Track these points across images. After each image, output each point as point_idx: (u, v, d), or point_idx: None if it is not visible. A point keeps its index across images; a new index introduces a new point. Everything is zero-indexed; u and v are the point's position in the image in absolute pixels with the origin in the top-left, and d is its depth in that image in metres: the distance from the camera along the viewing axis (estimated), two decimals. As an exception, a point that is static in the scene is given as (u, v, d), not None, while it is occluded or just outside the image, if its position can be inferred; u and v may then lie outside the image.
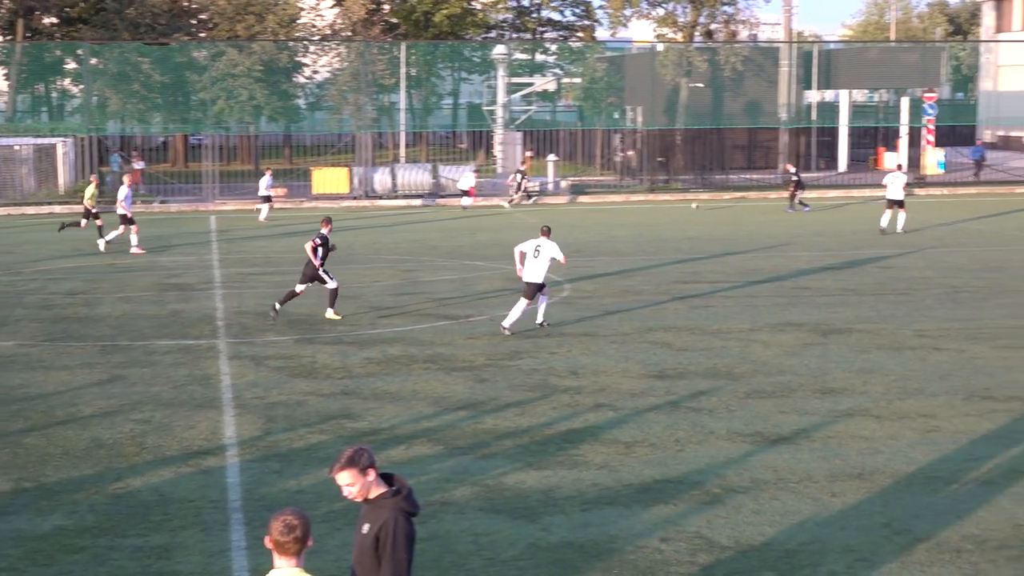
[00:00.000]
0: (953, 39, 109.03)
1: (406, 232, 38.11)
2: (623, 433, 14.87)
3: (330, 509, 11.96)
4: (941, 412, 15.84)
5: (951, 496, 12.48)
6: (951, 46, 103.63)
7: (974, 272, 28.48)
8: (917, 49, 67.69)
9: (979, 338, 20.69)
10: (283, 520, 6.45)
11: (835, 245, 33.97)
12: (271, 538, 6.45)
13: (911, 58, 63.25)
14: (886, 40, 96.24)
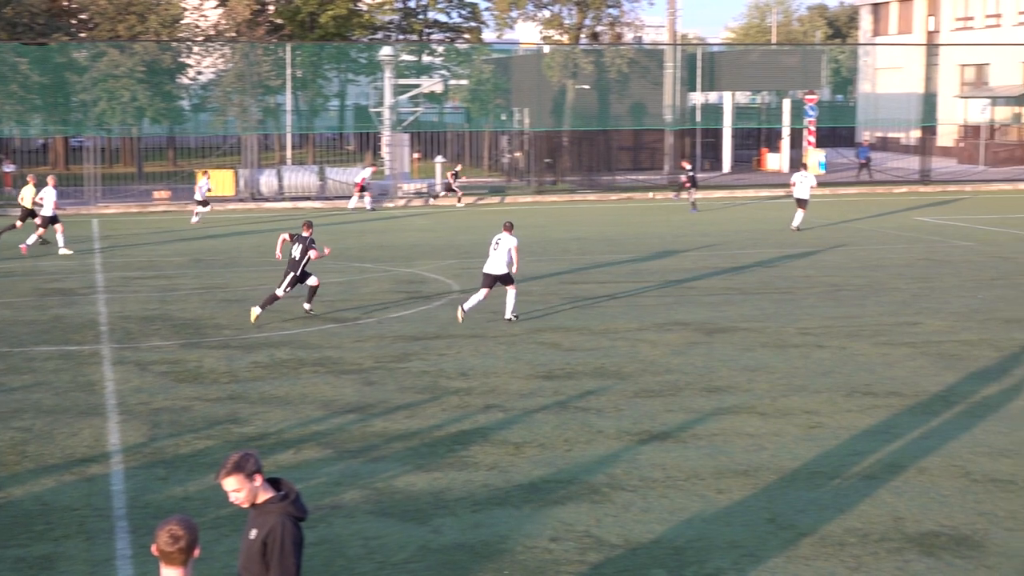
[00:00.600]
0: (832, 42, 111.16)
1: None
2: (513, 434, 14.91)
3: (217, 515, 11.82)
4: (824, 408, 16.13)
5: (834, 491, 12.71)
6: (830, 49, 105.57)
7: (854, 271, 29.04)
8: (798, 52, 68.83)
9: (860, 335, 21.10)
10: (169, 530, 6.35)
11: (720, 245, 34.41)
12: (157, 547, 6.36)
13: (792, 61, 64.33)
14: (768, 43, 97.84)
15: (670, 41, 60.16)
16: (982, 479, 13.06)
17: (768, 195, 53.03)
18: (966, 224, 40.11)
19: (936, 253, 32.44)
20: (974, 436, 14.75)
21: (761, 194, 53.23)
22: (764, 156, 66.36)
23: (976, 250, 33.17)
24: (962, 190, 55.43)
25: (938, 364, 18.83)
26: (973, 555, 10.91)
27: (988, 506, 12.20)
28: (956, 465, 13.56)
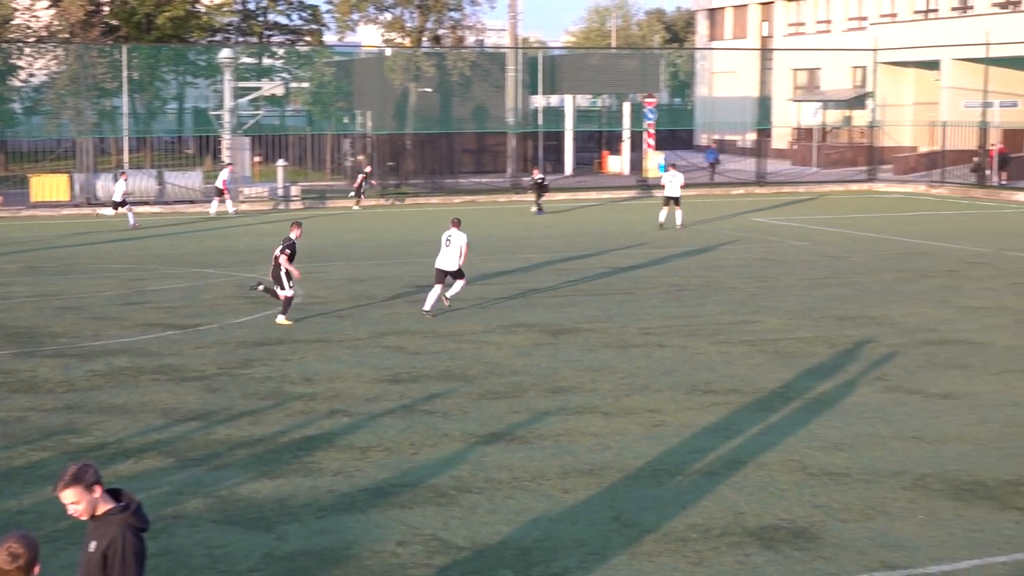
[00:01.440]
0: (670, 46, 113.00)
1: (131, 239, 37.03)
2: (358, 438, 14.83)
3: (55, 528, 11.52)
4: (666, 407, 16.38)
5: (676, 488, 12.92)
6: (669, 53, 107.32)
7: (694, 271, 29.56)
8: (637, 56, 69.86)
9: (699, 334, 21.49)
10: (7, 549, 6.17)
11: (563, 247, 34.73)
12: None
13: (631, 64, 65.27)
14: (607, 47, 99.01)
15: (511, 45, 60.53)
16: (818, 473, 13.41)
17: (610, 197, 53.70)
18: (800, 224, 41.15)
19: (772, 253, 33.21)
20: (810, 431, 15.13)
21: (603, 196, 53.88)
22: (605, 158, 67.18)
23: (810, 250, 34.05)
24: (796, 191, 56.86)
25: (775, 361, 19.27)
26: (810, 547, 11.19)
27: (824, 499, 12.53)
28: (793, 460, 13.90)
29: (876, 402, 16.65)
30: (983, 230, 39.36)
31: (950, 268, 30.06)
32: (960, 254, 32.86)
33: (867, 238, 36.99)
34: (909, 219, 43.21)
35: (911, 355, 19.74)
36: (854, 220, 42.81)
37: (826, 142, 71.26)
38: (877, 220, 42.52)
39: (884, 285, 27.30)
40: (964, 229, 39.86)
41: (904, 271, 29.53)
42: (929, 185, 57.23)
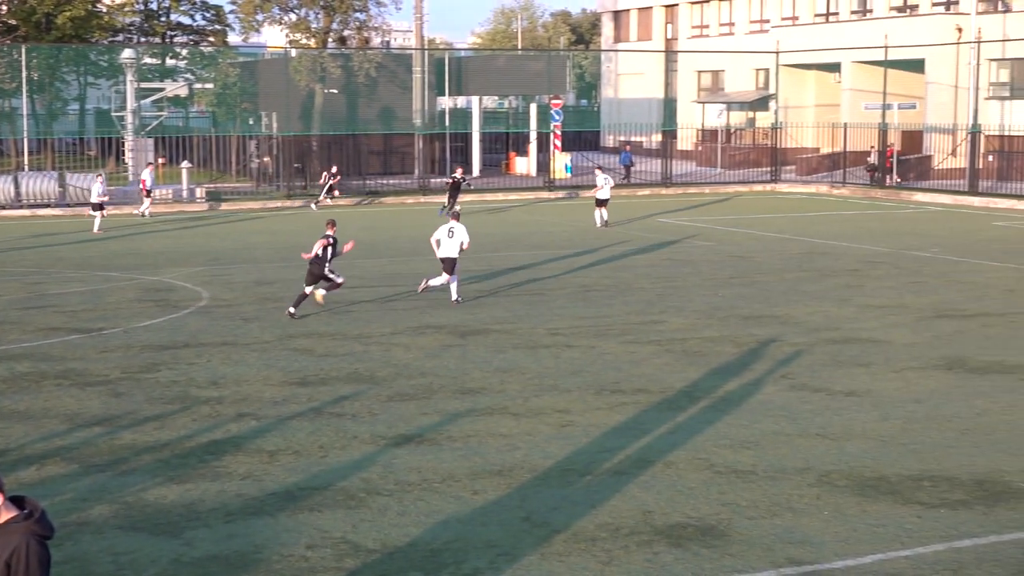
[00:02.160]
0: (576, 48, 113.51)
1: (32, 243, 36.40)
2: (266, 442, 14.71)
3: (-45, 538, 11.27)
4: (574, 407, 16.45)
5: (586, 487, 12.98)
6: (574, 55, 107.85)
7: (602, 271, 29.73)
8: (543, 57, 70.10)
9: (608, 334, 21.62)
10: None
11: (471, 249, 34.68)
12: None
13: (538, 66, 65.48)
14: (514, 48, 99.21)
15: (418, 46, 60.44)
16: (725, 470, 13.55)
17: (517, 199, 53.83)
18: (706, 225, 41.56)
19: (679, 253, 33.50)
20: (717, 429, 15.29)
21: (511, 197, 53.99)
22: (512, 160, 67.32)
23: (715, 250, 34.40)
24: (701, 192, 57.42)
25: (682, 361, 19.44)
26: (718, 544, 11.31)
27: (731, 496, 12.66)
28: (701, 458, 14.03)
29: (781, 400, 16.87)
30: (883, 230, 40.04)
31: (852, 267, 30.54)
32: (861, 253, 33.39)
33: (771, 238, 37.46)
34: (812, 219, 43.84)
35: (815, 353, 20.03)
36: (758, 220, 43.33)
37: (730, 143, 72.05)
38: (781, 220, 43.07)
39: (788, 284, 27.67)
40: (865, 229, 40.52)
41: (807, 270, 29.95)
42: (831, 186, 58.10)
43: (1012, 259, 32.21)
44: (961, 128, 56.14)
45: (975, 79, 56.23)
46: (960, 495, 12.71)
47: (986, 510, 12.24)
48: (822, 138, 64.73)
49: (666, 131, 64.39)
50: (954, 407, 16.49)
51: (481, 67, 66.53)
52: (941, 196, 52.84)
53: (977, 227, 41.38)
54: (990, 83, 60.69)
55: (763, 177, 61.66)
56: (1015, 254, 33.35)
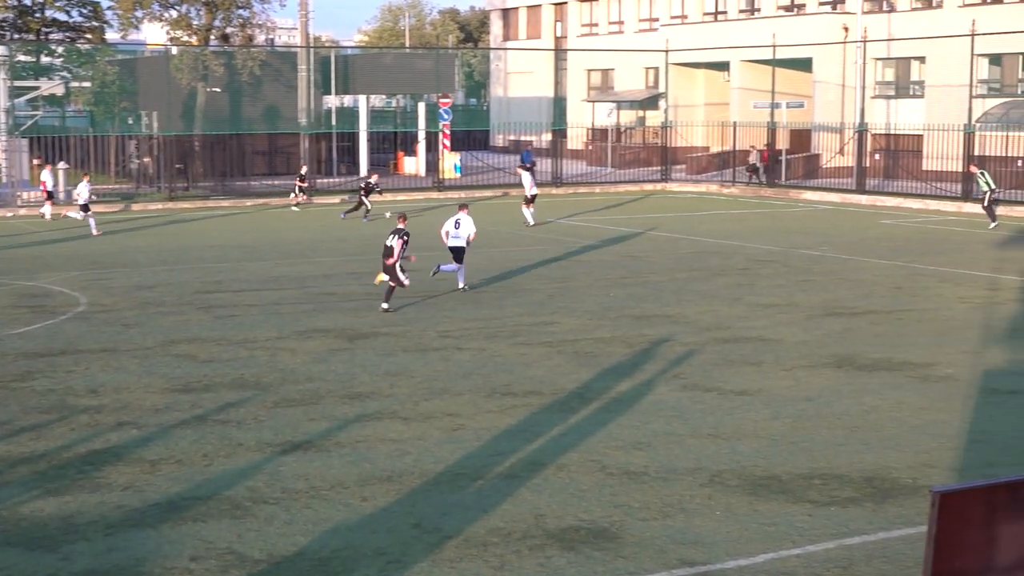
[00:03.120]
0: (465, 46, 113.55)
1: (-100, 248, 35.48)
2: (148, 451, 14.47)
3: None
4: (465, 410, 16.43)
5: (477, 492, 12.97)
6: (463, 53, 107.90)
7: (492, 272, 29.74)
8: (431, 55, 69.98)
9: (498, 336, 21.64)
10: None
11: (359, 250, 34.57)
12: None
13: (426, 64, 65.35)
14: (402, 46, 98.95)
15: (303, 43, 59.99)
16: (617, 472, 13.63)
17: (406, 199, 53.69)
18: (597, 225, 41.81)
19: (569, 253, 33.64)
20: (609, 431, 15.37)
21: (399, 198, 53.82)
22: (401, 160, 67.13)
23: (607, 250, 34.62)
24: (592, 192, 57.77)
25: (574, 362, 19.53)
26: (610, 547, 11.36)
27: (623, 498, 12.74)
28: (593, 460, 14.09)
29: (673, 400, 17.02)
30: (773, 228, 40.64)
31: (742, 266, 30.94)
32: (751, 252, 33.84)
33: (662, 238, 37.80)
34: (702, 218, 44.33)
35: (706, 353, 20.25)
36: (649, 220, 43.71)
37: (621, 142, 72.59)
38: (671, 220, 43.48)
39: (679, 284, 27.94)
40: (755, 228, 41.08)
41: (698, 270, 30.28)
42: (721, 185, 58.82)
43: (899, 257, 32.87)
44: (848, 127, 57.18)
45: (861, 78, 57.30)
46: (850, 492, 12.93)
47: (875, 507, 12.47)
48: (712, 137, 65.50)
49: (556, 130, 64.66)
50: (843, 405, 16.78)
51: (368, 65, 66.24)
52: (829, 194, 53.77)
53: (865, 225, 42.18)
54: (876, 82, 61.91)
55: (653, 176, 62.22)
56: (901, 252, 34.05)
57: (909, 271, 30.15)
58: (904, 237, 38.36)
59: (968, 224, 41.47)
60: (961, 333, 22.04)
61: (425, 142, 64.91)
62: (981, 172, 41.82)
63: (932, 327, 22.69)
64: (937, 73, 57.96)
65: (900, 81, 61.85)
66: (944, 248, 35.18)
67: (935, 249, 34.84)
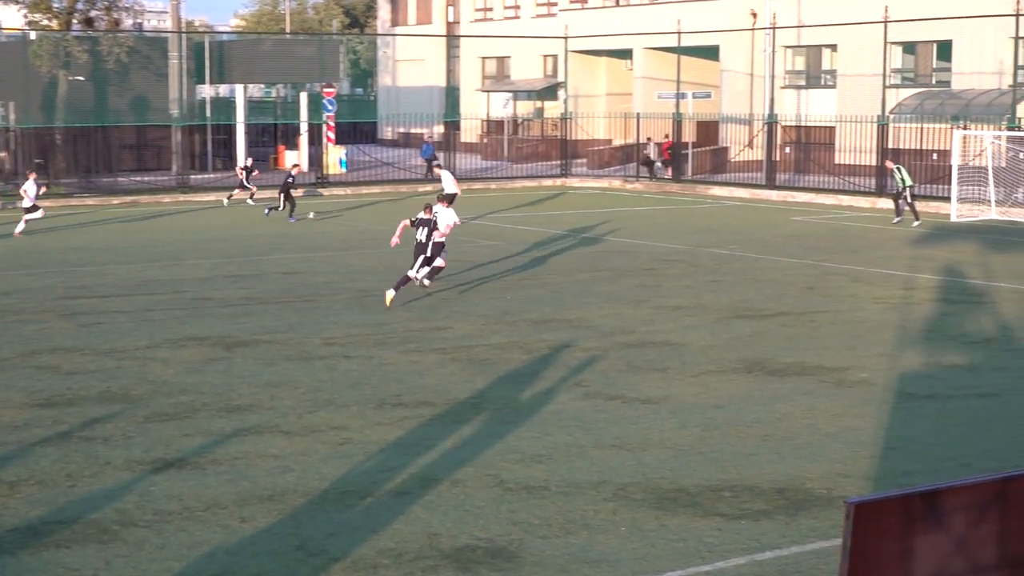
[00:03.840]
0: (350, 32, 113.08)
1: None
2: (6, 472, 14.21)
3: None
4: (353, 423, 16.37)
5: (366, 510, 12.92)
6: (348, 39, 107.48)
7: (381, 275, 29.66)
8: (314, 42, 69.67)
9: (388, 343, 21.59)
10: None
11: (235, 251, 34.28)
12: None
13: (308, 51, 65.01)
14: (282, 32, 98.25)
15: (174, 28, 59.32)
16: (516, 487, 13.65)
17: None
18: (493, 223, 41.90)
19: (464, 254, 33.66)
20: (507, 443, 15.40)
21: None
22: (282, 154, 66.68)
23: (504, 249, 34.71)
24: (487, 187, 57.88)
25: (469, 370, 19.54)
26: (509, 566, 11.38)
27: (522, 515, 12.77)
28: (490, 474, 14.11)
29: (575, 410, 17.10)
30: (679, 226, 41.04)
31: (647, 266, 31.20)
32: (657, 252, 34.14)
33: (562, 236, 37.98)
34: (605, 215, 44.60)
35: (610, 359, 20.38)
36: (549, 217, 43.90)
37: (518, 135, 72.82)
38: (572, 217, 43.71)
39: (581, 286, 28.09)
40: (660, 225, 41.46)
41: (601, 270, 30.47)
42: (625, 180, 59.27)
43: (810, 255, 33.38)
44: (757, 118, 57.95)
45: (770, 67, 58.13)
46: (761, 505, 13.09)
47: (788, 520, 12.64)
48: (614, 129, 66.00)
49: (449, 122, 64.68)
50: (754, 412, 16.98)
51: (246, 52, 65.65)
52: (738, 190, 54.45)
53: (775, 222, 42.77)
54: (786, 71, 62.81)
55: (553, 171, 62.49)
56: (813, 250, 34.58)
57: (822, 270, 30.64)
58: (816, 234, 38.96)
59: (883, 220, 42.22)
60: (876, 335, 22.44)
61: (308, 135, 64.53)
62: (897, 167, 42.60)
63: (846, 329, 23.07)
64: (849, 62, 58.97)
65: (811, 70, 62.81)
66: (858, 246, 35.79)
67: (849, 247, 35.43)
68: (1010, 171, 45.43)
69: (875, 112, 51.72)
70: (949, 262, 32.13)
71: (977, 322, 23.77)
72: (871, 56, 55.42)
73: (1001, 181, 45.06)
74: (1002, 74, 52.79)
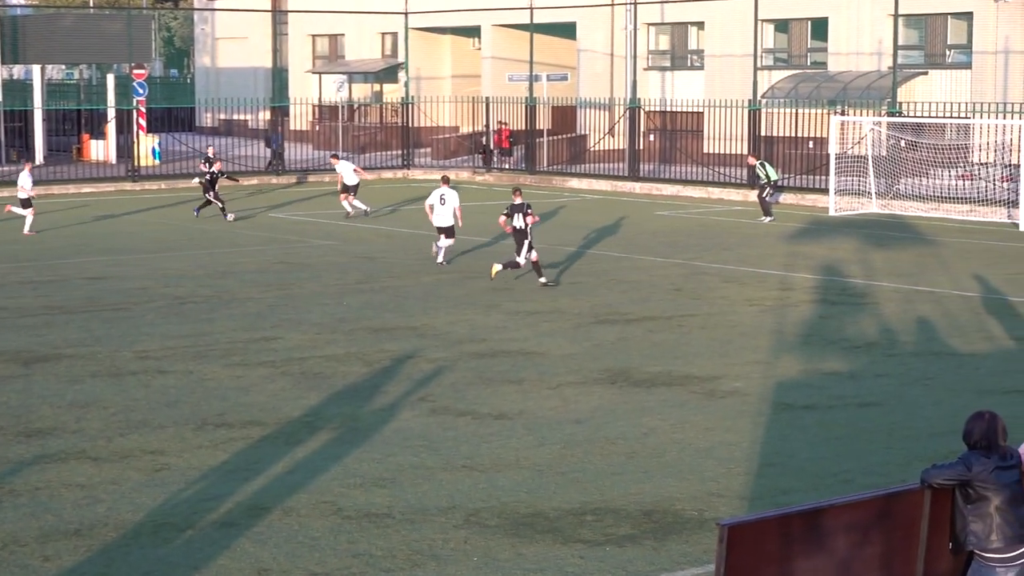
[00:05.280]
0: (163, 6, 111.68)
1: None
2: None
3: None
4: (170, 447, 16.18)
5: (186, 545, 12.78)
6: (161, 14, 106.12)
7: (200, 279, 29.37)
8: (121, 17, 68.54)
9: (209, 356, 21.38)
10: None
11: (32, 254, 33.66)
12: None
13: (115, 27, 63.95)
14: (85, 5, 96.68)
15: (-39, 1, 58.07)
16: (355, 515, 13.62)
17: (93, 191, 52.52)
18: (327, 221, 41.73)
19: (294, 255, 33.48)
20: (345, 466, 15.35)
21: (85, 190, 52.64)
22: (86, 144, 65.58)
23: (339, 250, 34.58)
24: (320, 180, 57.54)
25: (301, 385, 19.44)
26: (349, 604, 11.35)
27: (363, 545, 12.74)
28: (326, 501, 14.05)
29: (420, 427, 17.11)
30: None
31: (499, 267, 31.31)
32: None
33: (406, 235, 37.97)
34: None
35: (459, 370, 20.42)
36: (390, 214, 43.82)
37: (354, 122, 72.55)
38: (416, 213, 43.63)
39: (426, 289, 28.11)
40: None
41: (448, 273, 30.51)
42: (474, 171, 59.42)
43: (678, 253, 33.82)
44: (619, 103, 58.47)
45: (632, 46, 58.66)
46: (627, 529, 13.22)
47: (656, 544, 12.78)
48: (462, 115, 66.12)
49: (276, 107, 64.19)
50: (619, 427, 17.15)
51: (43, 29, 64.43)
52: (599, 182, 54.94)
53: (640, 217, 43.24)
54: (649, 51, 63.53)
55: (394, 162, 62.39)
56: (681, 248, 35.03)
57: (690, 269, 31.05)
58: (684, 230, 39.48)
59: (756, 215, 42.92)
60: (750, 340, 22.81)
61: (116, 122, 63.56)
62: (761, 162, 43.29)
63: (717, 334, 23.41)
64: (718, 41, 59.85)
65: (676, 50, 63.63)
66: (729, 243, 36.34)
67: (719, 244, 35.95)
68: (891, 160, 46.50)
69: (746, 96, 52.48)
70: (828, 260, 32.80)
71: (858, 325, 24.30)
72: (741, 35, 56.29)
73: (882, 171, 46.09)
74: (881, 55, 54.01)
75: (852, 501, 9.37)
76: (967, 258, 33.21)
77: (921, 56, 55.65)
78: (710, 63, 60.41)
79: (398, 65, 68.90)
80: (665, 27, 63.27)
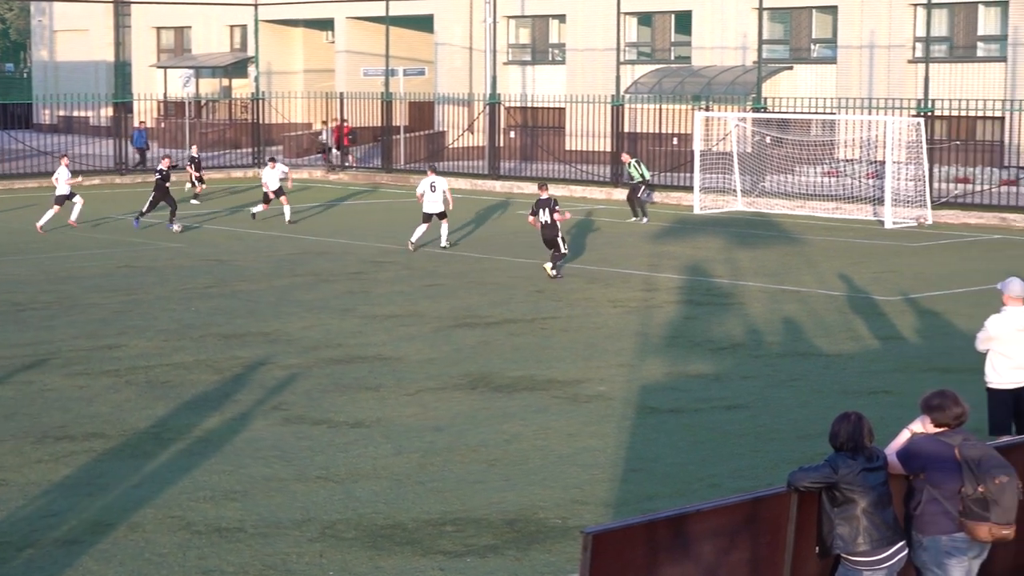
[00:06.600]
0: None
1: None
2: None
3: None
4: (8, 461, 15.93)
5: (26, 564, 12.60)
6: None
7: (39, 284, 28.95)
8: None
9: (49, 365, 21.07)
10: None
11: None
12: None
13: (-54, 19, 62.83)
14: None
15: None
16: (205, 530, 13.50)
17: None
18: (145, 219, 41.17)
19: (140, 258, 33.12)
20: (194, 479, 15.22)
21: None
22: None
23: (186, 252, 34.27)
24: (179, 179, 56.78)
25: (147, 394, 19.24)
26: (199, 623, 11.26)
27: (214, 561, 12.64)
28: (175, 516, 13.92)
29: (273, 437, 17.01)
30: (391, 223, 41.20)
31: (355, 270, 31.24)
32: (365, 253, 34.22)
33: (255, 236, 37.73)
34: (305, 212, 44.46)
35: (313, 377, 20.33)
36: (239, 215, 43.51)
37: (201, 118, 71.91)
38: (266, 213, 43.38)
39: (278, 293, 27.95)
40: (369, 222, 41.59)
41: (301, 275, 30.38)
42: (327, 170, 59.16)
43: (540, 254, 33.87)
44: (478, 98, 58.57)
45: (492, 40, 58.87)
46: (489, 539, 13.26)
47: (518, 555, 12.83)
48: (315, 112, 65.81)
49: (119, 103, 63.42)
50: (480, 434, 17.18)
51: None
52: (458, 180, 54.87)
53: (500, 216, 43.36)
54: (509, 45, 63.74)
55: (244, 160, 61.93)
56: (542, 248, 35.03)
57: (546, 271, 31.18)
58: (546, 230, 39.60)
59: (620, 214, 43.25)
60: (614, 343, 22.98)
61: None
62: (637, 161, 43.61)
63: (580, 337, 23.56)
64: (580, 35, 60.25)
65: (537, 44, 63.92)
66: (593, 243, 36.58)
67: (582, 244, 36.17)
68: (756, 157, 47.15)
69: (609, 91, 52.87)
70: (693, 259, 33.16)
71: (723, 326, 24.59)
72: (603, 28, 56.72)
73: (747, 168, 46.71)
74: (746, 49, 54.75)
75: (718, 506, 9.48)
76: (833, 256, 33.77)
77: (786, 51, 56.52)
78: (572, 57, 60.78)
79: (248, 59, 68.46)
80: (525, 20, 63.54)
